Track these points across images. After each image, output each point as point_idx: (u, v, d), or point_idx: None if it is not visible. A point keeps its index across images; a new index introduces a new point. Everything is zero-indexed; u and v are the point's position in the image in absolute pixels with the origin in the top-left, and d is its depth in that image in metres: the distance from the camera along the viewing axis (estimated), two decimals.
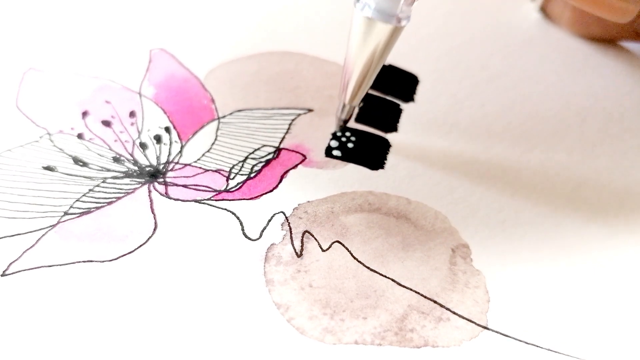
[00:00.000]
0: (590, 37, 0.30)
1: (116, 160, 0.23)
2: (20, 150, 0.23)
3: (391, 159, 0.24)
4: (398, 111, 0.26)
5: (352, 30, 0.21)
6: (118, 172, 0.23)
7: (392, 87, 0.27)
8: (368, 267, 0.21)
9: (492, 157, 0.25)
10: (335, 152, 0.24)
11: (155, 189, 0.23)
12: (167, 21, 0.29)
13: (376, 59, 0.22)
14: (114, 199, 0.22)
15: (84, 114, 0.25)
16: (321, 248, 0.21)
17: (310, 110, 0.26)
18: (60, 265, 0.20)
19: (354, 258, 0.21)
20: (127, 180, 0.23)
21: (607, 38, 0.30)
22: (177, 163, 0.23)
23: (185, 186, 0.23)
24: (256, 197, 0.23)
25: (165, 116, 0.25)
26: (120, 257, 0.20)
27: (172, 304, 0.20)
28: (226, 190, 0.23)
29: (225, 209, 0.22)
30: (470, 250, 0.22)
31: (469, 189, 0.24)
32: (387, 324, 0.20)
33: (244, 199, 0.22)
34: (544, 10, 0.31)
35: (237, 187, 0.23)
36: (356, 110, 0.26)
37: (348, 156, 0.24)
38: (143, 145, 0.24)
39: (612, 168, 0.25)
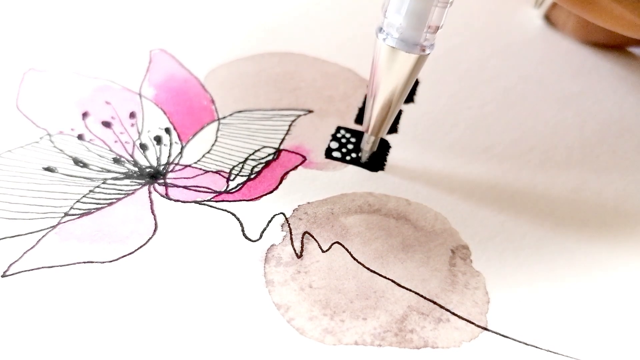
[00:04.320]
0: (595, 44, 0.30)
1: (116, 161, 0.23)
2: (20, 151, 0.23)
3: (391, 160, 0.24)
4: (398, 112, 0.26)
5: (375, 60, 0.21)
6: (118, 173, 0.23)
7: None
8: (368, 268, 0.21)
9: (492, 158, 0.25)
10: (335, 154, 0.24)
11: (155, 190, 0.23)
12: (167, 22, 0.29)
13: (400, 88, 0.21)
14: (115, 200, 0.22)
15: (84, 114, 0.25)
16: (321, 249, 0.21)
17: (310, 112, 0.26)
18: (60, 266, 0.20)
19: (354, 259, 0.21)
20: (127, 182, 0.23)
21: (612, 45, 0.30)
22: (177, 164, 0.23)
23: (185, 187, 0.23)
24: (256, 198, 0.23)
25: (166, 117, 0.25)
26: (120, 258, 0.21)
27: (172, 305, 0.20)
28: (226, 192, 0.23)
29: (226, 210, 0.22)
30: (470, 251, 0.22)
31: (468, 190, 0.24)
32: (387, 325, 0.20)
33: (244, 200, 0.22)
34: (547, 17, 0.31)
35: (237, 188, 0.23)
36: (356, 112, 0.26)
37: (348, 157, 0.24)
38: (143, 146, 0.24)
39: (612, 168, 0.25)
